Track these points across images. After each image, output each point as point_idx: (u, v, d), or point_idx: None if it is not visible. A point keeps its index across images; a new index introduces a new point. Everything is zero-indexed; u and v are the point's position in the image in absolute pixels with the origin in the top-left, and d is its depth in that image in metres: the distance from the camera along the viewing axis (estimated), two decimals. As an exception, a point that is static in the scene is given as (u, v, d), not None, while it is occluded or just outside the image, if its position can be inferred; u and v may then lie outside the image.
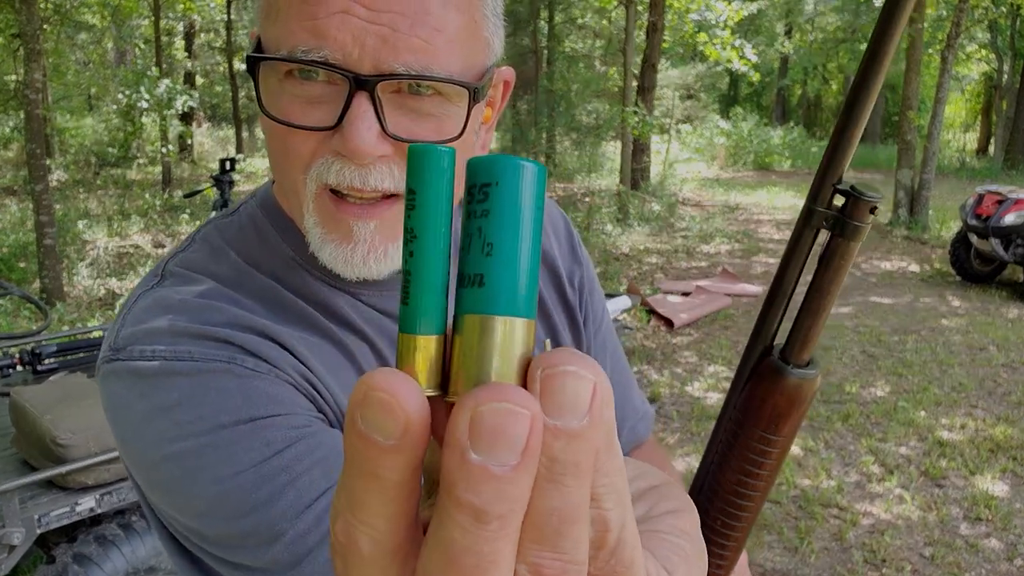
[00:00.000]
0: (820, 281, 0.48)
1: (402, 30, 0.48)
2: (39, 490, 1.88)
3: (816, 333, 0.49)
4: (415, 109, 0.52)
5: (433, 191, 0.19)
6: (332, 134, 0.51)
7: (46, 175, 5.30)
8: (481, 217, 0.18)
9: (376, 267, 0.55)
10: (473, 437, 0.16)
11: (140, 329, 0.53)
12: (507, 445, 0.16)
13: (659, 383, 4.38)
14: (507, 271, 0.18)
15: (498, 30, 0.56)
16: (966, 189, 11.41)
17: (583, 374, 0.17)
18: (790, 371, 0.49)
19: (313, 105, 0.51)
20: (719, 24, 11.52)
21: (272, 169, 0.58)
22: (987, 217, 6.55)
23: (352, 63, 0.49)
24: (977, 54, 22.57)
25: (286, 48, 0.49)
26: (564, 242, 0.76)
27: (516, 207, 0.18)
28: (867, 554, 2.78)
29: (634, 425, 0.82)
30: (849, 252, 0.46)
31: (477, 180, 0.18)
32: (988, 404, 4.22)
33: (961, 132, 28.98)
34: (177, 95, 9.90)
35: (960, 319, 5.94)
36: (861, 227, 0.46)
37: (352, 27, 0.48)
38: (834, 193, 0.47)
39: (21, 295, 2.96)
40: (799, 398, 0.50)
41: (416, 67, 0.49)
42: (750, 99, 30.25)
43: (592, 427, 0.17)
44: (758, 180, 16.11)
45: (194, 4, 13.90)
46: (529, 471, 0.16)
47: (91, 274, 6.14)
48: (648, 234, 9.03)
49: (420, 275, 0.19)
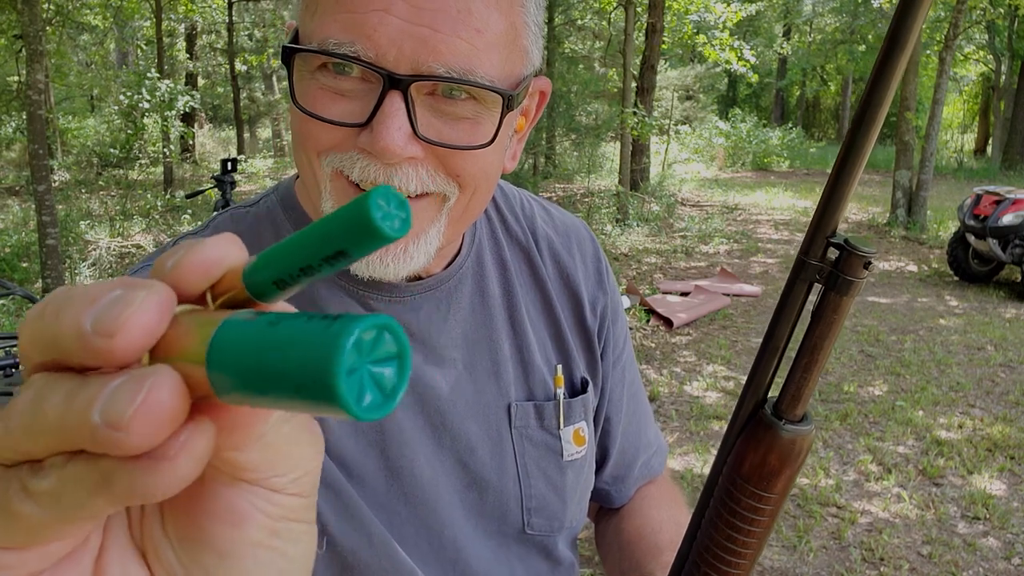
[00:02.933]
0: (813, 336, 0.46)
1: (443, 30, 0.47)
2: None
3: (810, 388, 0.48)
4: (447, 112, 0.50)
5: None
6: (360, 131, 0.50)
7: (48, 176, 5.32)
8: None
9: (394, 266, 0.53)
10: None
11: None
12: None
13: (658, 383, 4.40)
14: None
15: (537, 40, 0.55)
16: (964, 189, 11.43)
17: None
18: (783, 427, 0.48)
19: (344, 98, 0.50)
20: (718, 25, 11.54)
21: (294, 158, 0.57)
22: (985, 217, 6.57)
23: (387, 62, 0.47)
24: (975, 55, 22.59)
25: (318, 40, 0.48)
26: (591, 268, 0.74)
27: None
28: (865, 552, 2.80)
29: (648, 459, 0.80)
30: (842, 307, 0.45)
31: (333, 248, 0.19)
32: (986, 403, 4.24)
33: (959, 133, 28.99)
34: (178, 96, 9.91)
35: (958, 319, 5.96)
36: (855, 282, 0.44)
37: (390, 28, 0.46)
38: (827, 247, 0.45)
39: (24, 295, 2.97)
40: (792, 454, 0.48)
41: (456, 69, 0.48)
42: (749, 100, 30.26)
43: None
44: (756, 181, 16.12)
45: (196, 6, 13.92)
46: None
47: (93, 274, 6.15)
48: (647, 234, 9.04)
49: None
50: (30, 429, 0.19)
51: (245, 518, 0.23)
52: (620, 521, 0.79)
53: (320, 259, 0.19)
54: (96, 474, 0.19)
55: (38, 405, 0.19)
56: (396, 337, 0.18)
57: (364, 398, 0.17)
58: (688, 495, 3.17)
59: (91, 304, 0.19)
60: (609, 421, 0.76)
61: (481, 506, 0.65)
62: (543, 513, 0.68)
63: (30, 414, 0.19)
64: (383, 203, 0.18)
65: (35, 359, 0.21)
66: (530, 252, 0.70)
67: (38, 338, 0.20)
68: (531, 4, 0.53)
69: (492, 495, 0.65)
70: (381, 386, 0.18)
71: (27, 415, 0.19)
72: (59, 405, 0.19)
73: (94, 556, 0.23)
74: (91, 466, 0.19)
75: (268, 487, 0.23)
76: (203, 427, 0.19)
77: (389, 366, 0.18)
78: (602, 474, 0.78)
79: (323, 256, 0.19)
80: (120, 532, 0.24)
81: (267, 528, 0.23)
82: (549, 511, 0.68)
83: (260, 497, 0.23)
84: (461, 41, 0.48)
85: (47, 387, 0.20)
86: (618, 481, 0.79)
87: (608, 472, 0.78)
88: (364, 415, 0.17)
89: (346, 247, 0.19)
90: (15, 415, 0.20)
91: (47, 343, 0.20)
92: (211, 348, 0.19)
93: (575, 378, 0.71)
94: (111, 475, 0.19)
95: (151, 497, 0.19)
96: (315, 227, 0.19)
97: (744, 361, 4.85)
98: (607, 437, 0.77)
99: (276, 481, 0.23)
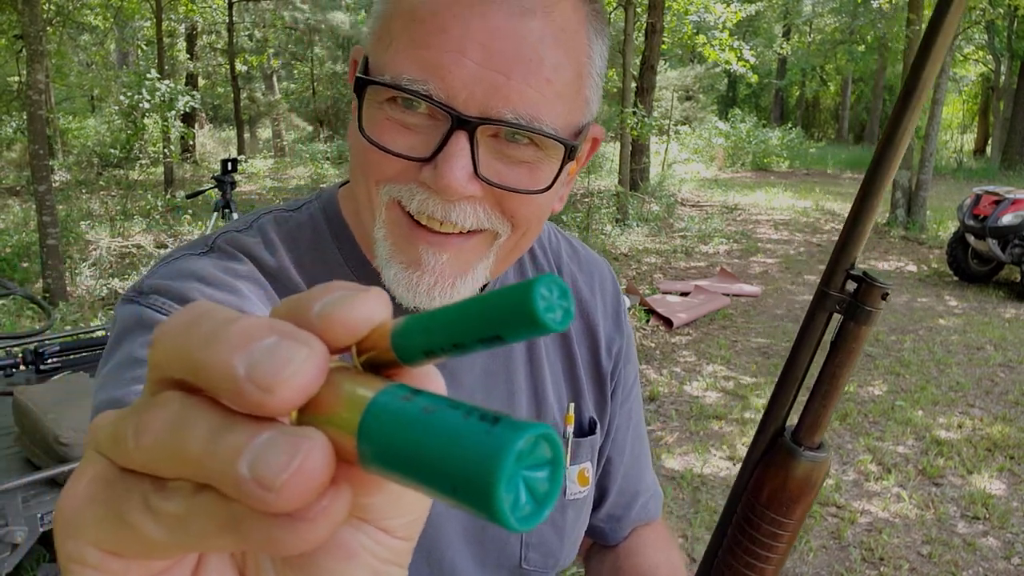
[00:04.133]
0: (832, 365, 0.48)
1: (515, 77, 0.48)
2: (42, 489, 1.88)
3: (827, 416, 0.49)
4: (509, 155, 0.52)
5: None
6: (422, 165, 0.51)
7: (49, 176, 5.31)
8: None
9: (440, 300, 0.54)
10: None
11: (169, 285, 0.55)
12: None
13: (658, 382, 4.40)
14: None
15: (597, 91, 0.56)
16: (963, 190, 11.43)
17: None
18: (802, 454, 0.50)
19: (409, 132, 0.50)
20: (718, 26, 11.54)
21: (351, 175, 0.58)
22: (984, 217, 6.57)
23: (457, 103, 0.48)
24: (974, 55, 22.58)
25: (391, 74, 0.49)
26: (610, 308, 0.75)
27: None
28: (865, 552, 2.80)
29: (646, 502, 0.81)
30: (861, 336, 0.47)
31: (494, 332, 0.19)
32: (985, 403, 4.24)
33: (958, 133, 28.99)
34: (179, 96, 9.92)
35: (957, 319, 5.96)
36: (873, 312, 0.47)
37: (464, 71, 0.47)
38: (847, 279, 0.48)
39: (24, 295, 2.97)
40: (810, 482, 0.50)
41: (524, 117, 0.49)
42: (748, 100, 30.26)
43: None
44: (756, 181, 16.12)
45: (196, 6, 13.93)
46: None
47: (94, 274, 6.15)
48: (647, 234, 9.05)
49: None
50: (165, 453, 0.19)
51: (354, 555, 0.23)
52: (617, 559, 0.80)
53: (475, 339, 0.19)
54: (226, 515, 0.19)
55: (179, 433, 0.19)
56: (552, 445, 0.18)
57: (519, 507, 0.17)
58: (688, 495, 3.17)
59: (245, 347, 0.18)
60: (611, 462, 0.77)
61: (482, 537, 0.66)
62: (540, 549, 0.69)
63: (168, 438, 0.19)
64: (546, 293, 0.18)
65: (169, 375, 0.20)
66: None
67: (178, 358, 0.20)
68: (597, 56, 0.55)
69: (494, 527, 0.66)
70: (534, 492, 0.18)
71: (164, 438, 0.19)
72: (202, 441, 0.18)
73: (191, 568, 0.23)
74: (223, 506, 0.19)
75: (382, 528, 0.23)
76: (344, 493, 0.19)
77: (542, 471, 0.18)
78: (598, 512, 0.79)
79: (479, 337, 0.19)
80: (223, 552, 0.24)
81: (371, 569, 0.23)
82: (546, 548, 0.69)
83: (371, 537, 0.23)
84: (531, 89, 0.49)
85: (188, 415, 0.19)
86: (613, 520, 0.80)
87: (605, 511, 0.79)
88: (517, 525, 0.17)
89: (504, 333, 0.19)
90: (149, 432, 0.19)
91: (188, 368, 0.19)
92: (363, 423, 0.19)
93: (584, 418, 0.72)
94: (243, 521, 0.18)
95: (281, 552, 0.18)
96: (474, 307, 0.19)
97: (744, 361, 4.85)
98: (607, 477, 0.78)
99: (391, 523, 0.23)
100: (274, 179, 13.48)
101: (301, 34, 18.82)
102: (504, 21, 0.48)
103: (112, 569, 0.21)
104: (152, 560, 0.21)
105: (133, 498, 0.20)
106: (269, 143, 20.19)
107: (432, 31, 0.48)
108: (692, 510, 3.04)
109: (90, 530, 0.20)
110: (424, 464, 0.17)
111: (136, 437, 0.20)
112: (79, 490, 0.21)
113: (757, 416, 3.97)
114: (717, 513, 3.01)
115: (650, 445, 0.81)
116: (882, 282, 0.47)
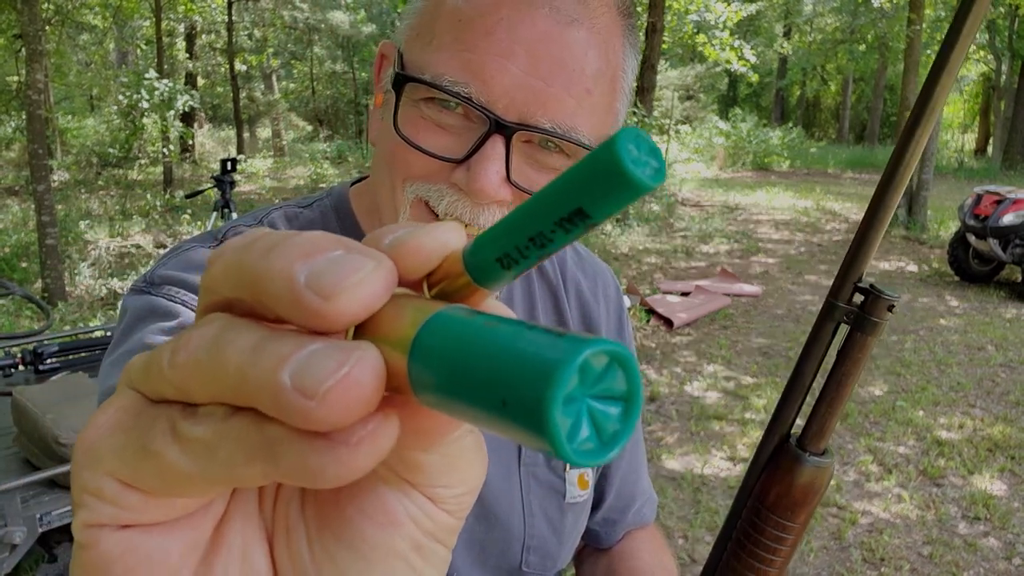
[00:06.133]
0: (838, 374, 0.50)
1: (556, 85, 0.48)
2: (41, 489, 1.87)
3: (833, 423, 0.52)
4: (539, 161, 0.52)
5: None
6: (455, 167, 0.51)
7: (48, 175, 5.31)
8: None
9: None
10: None
11: (182, 276, 0.56)
12: None
13: (658, 382, 4.40)
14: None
15: (626, 105, 0.57)
16: (964, 189, 11.43)
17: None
18: (807, 459, 0.52)
19: (444, 132, 0.50)
20: (718, 25, 11.54)
21: (373, 171, 0.58)
22: (985, 217, 6.56)
23: (497, 108, 0.48)
24: (975, 55, 22.59)
25: (432, 73, 0.48)
26: (613, 314, 0.77)
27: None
28: (866, 553, 2.80)
29: (641, 507, 0.82)
30: (867, 346, 0.49)
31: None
32: (986, 403, 4.24)
33: (959, 132, 29.00)
34: (178, 95, 9.91)
35: (958, 319, 5.95)
36: (879, 323, 0.49)
37: (507, 77, 0.48)
38: (855, 291, 0.50)
39: (23, 295, 2.97)
40: (815, 487, 0.52)
41: (561, 126, 0.49)
42: (749, 100, 30.26)
43: None
44: (757, 180, 16.12)
45: (195, 5, 13.92)
46: None
47: (93, 274, 6.15)
48: (647, 234, 9.04)
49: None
50: (201, 369, 0.18)
51: (396, 523, 0.21)
52: (611, 562, 0.81)
53: (553, 222, 0.16)
54: (260, 439, 0.17)
55: (218, 347, 0.17)
56: (629, 375, 0.16)
57: (578, 435, 0.15)
58: (688, 496, 3.17)
59: (307, 257, 0.17)
60: (609, 466, 0.79)
61: (485, 539, 0.67)
62: (540, 552, 0.70)
63: (206, 354, 0.18)
64: (633, 148, 0.15)
65: (221, 294, 0.19)
66: (557, 292, 0.73)
67: (235, 272, 0.18)
68: (629, 71, 0.55)
69: (498, 530, 0.67)
70: (600, 428, 0.15)
71: (202, 354, 0.18)
72: (243, 352, 0.17)
73: (215, 522, 0.21)
74: (256, 428, 0.17)
75: (430, 496, 0.22)
76: (391, 421, 0.17)
77: (614, 406, 0.16)
78: (594, 516, 0.80)
79: (557, 218, 0.16)
80: (249, 505, 0.22)
81: (413, 541, 0.22)
82: (546, 550, 0.70)
83: (417, 505, 0.22)
84: (570, 98, 0.49)
85: (231, 329, 0.18)
86: (609, 524, 0.81)
87: (601, 514, 0.80)
88: (574, 457, 0.15)
89: (586, 203, 0.16)
90: (185, 350, 0.18)
91: (245, 281, 0.18)
92: (418, 337, 0.17)
93: None
94: (277, 445, 0.17)
95: (314, 482, 0.17)
96: (551, 185, 0.16)
97: (744, 361, 4.85)
98: (604, 480, 0.79)
99: (440, 492, 0.22)
100: (273, 179, 13.48)
101: (300, 33, 18.82)
102: (551, 28, 0.48)
103: (129, 503, 0.19)
104: (172, 496, 0.19)
105: (159, 424, 0.18)
106: (268, 143, 20.19)
107: (478, 33, 0.48)
108: (692, 511, 3.04)
109: (110, 459, 0.19)
110: (478, 379, 0.15)
111: (172, 356, 0.18)
112: (102, 420, 0.20)
113: (758, 416, 3.96)
114: (717, 514, 3.01)
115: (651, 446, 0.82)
116: (889, 294, 0.49)
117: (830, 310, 0.51)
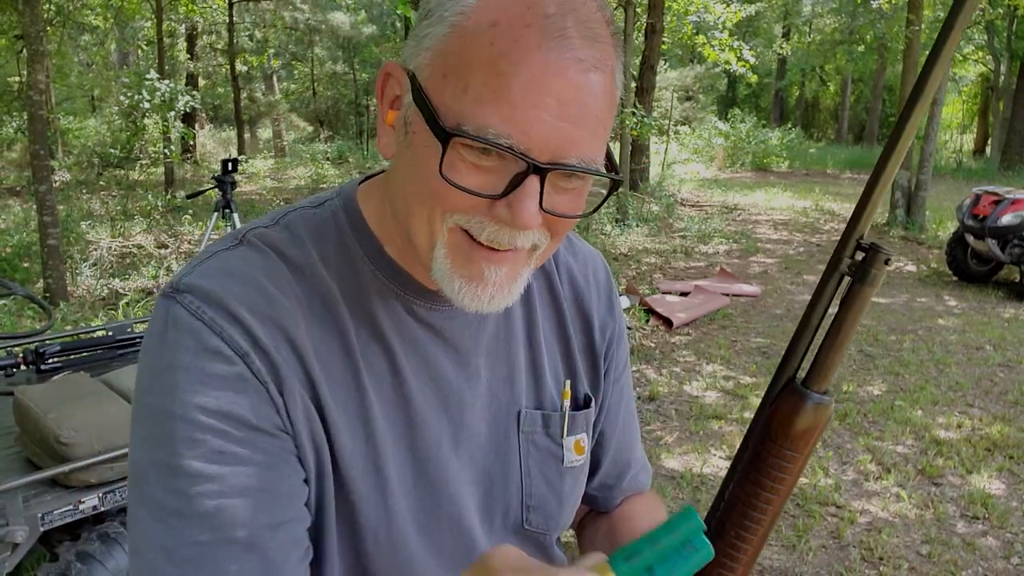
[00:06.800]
0: (840, 321, 0.57)
1: (582, 127, 0.55)
2: (42, 488, 1.87)
3: (834, 365, 0.58)
4: (562, 187, 0.59)
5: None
6: (494, 201, 0.57)
7: (49, 176, 5.32)
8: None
9: (499, 304, 0.62)
10: None
11: (203, 285, 0.60)
12: None
13: (658, 382, 4.41)
14: None
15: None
16: (963, 190, 11.43)
17: None
18: (811, 395, 0.58)
19: (481, 171, 0.56)
20: (717, 26, 11.55)
21: (398, 194, 0.62)
22: (984, 217, 6.58)
23: (534, 153, 0.54)
24: (974, 55, 22.60)
25: (475, 126, 0.54)
26: (603, 295, 0.83)
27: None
28: (864, 552, 2.81)
29: (636, 474, 0.88)
30: (865, 296, 0.56)
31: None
32: (984, 403, 4.25)
33: (958, 133, 29.00)
34: (179, 96, 9.92)
35: (957, 319, 5.97)
36: (877, 274, 0.55)
37: (543, 126, 0.54)
38: (856, 248, 0.56)
39: (25, 295, 2.97)
40: (817, 420, 0.59)
41: (586, 160, 0.56)
42: (748, 100, 30.26)
43: None
44: (756, 181, 16.13)
45: (196, 6, 13.93)
46: None
47: (94, 274, 6.16)
48: (647, 234, 9.05)
49: None
50: None
51: None
52: (612, 523, 0.86)
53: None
54: None
55: None
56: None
57: None
58: (688, 495, 3.18)
59: None
60: (604, 434, 0.84)
61: (486, 500, 0.73)
62: (541, 512, 0.76)
63: None
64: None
65: None
66: (551, 277, 0.79)
67: None
68: (620, 92, 0.62)
69: (497, 490, 0.73)
70: None
71: None
72: None
73: None
74: None
75: None
76: None
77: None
78: (592, 482, 0.85)
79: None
80: None
81: None
82: (546, 510, 0.76)
83: None
84: (592, 136, 0.56)
85: None
86: (606, 489, 0.87)
87: (599, 480, 0.86)
88: None
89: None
90: None
91: None
92: None
93: (579, 394, 0.79)
94: None
95: None
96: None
97: (744, 361, 4.86)
98: (600, 448, 0.85)
99: None
100: (274, 179, 13.49)
101: (301, 34, 18.83)
102: (576, 78, 0.54)
103: None
104: None
105: None
106: (269, 143, 20.20)
107: (516, 88, 0.53)
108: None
109: None
110: None
111: None
112: None
113: (757, 416, 3.98)
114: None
115: (650, 445, 0.84)
116: (886, 250, 0.55)
117: (836, 264, 0.56)
